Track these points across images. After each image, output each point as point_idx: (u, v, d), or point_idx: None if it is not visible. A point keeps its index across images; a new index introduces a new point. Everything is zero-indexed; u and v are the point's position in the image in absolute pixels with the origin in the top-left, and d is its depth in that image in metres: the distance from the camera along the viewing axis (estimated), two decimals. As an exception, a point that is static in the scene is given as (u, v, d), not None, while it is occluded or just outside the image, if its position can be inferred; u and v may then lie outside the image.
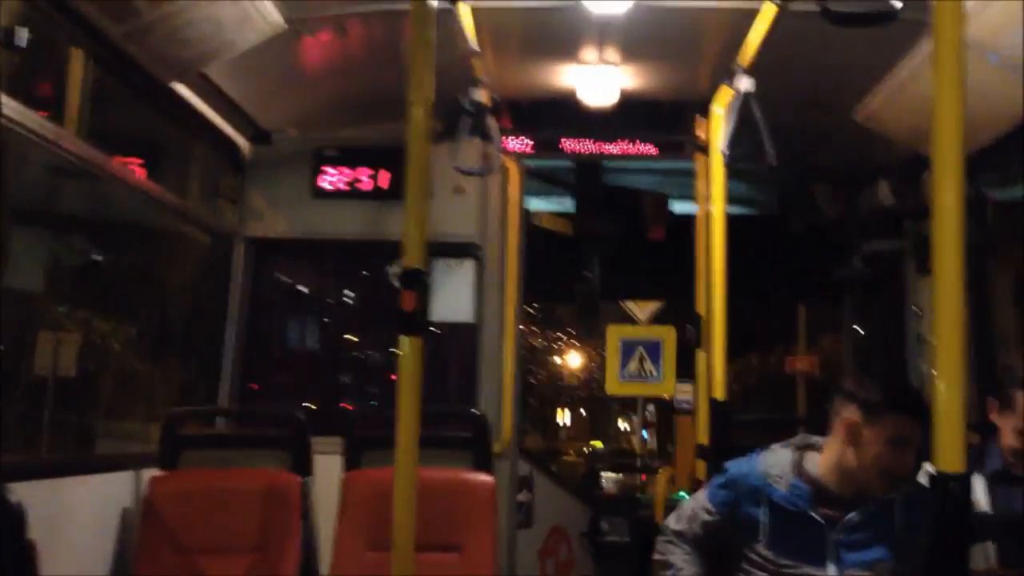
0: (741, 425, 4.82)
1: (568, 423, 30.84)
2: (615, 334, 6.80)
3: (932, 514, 2.82)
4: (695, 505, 3.18)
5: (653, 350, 6.62)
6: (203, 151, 5.50)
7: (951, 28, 1.59)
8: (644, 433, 13.26)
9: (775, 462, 3.02)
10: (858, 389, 2.94)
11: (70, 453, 4.81)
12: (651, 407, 16.33)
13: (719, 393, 4.49)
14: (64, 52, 3.92)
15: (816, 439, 3.05)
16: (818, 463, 2.97)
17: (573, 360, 28.46)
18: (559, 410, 30.05)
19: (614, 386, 6.80)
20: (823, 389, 9.85)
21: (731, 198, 4.77)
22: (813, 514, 2.91)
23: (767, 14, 3.48)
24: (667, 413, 11.54)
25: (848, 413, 2.89)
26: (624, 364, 6.65)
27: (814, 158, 6.05)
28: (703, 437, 4.75)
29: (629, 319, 10.27)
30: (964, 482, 1.55)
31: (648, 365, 6.60)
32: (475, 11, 3.98)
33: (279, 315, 6.28)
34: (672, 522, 3.21)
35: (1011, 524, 2.90)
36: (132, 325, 5.63)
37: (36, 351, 4.58)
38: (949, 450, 1.54)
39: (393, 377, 3.16)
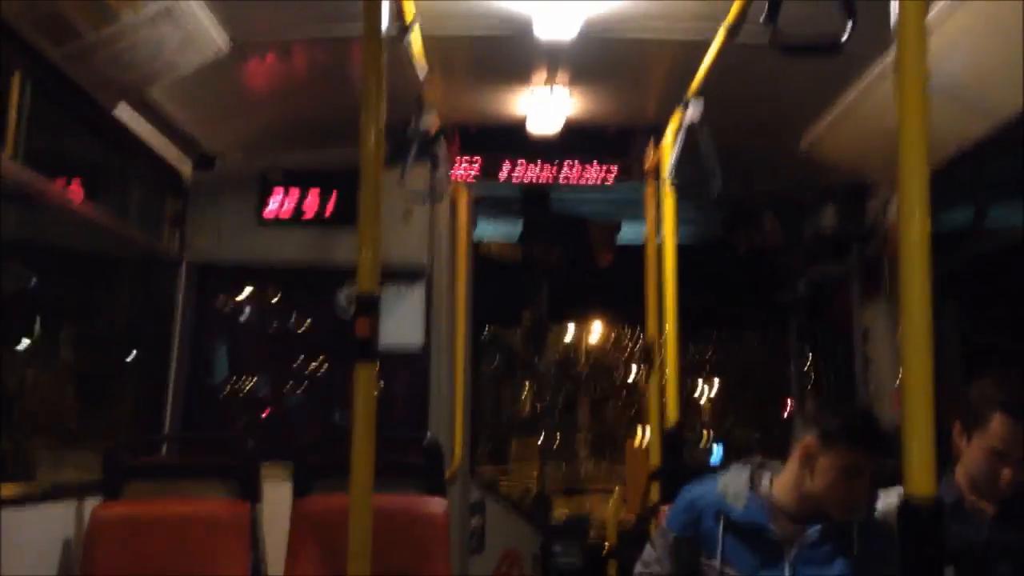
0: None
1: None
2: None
3: (891, 542, 2.89)
4: (658, 543, 3.17)
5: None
6: (145, 175, 5.40)
7: (914, 53, 1.63)
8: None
9: (732, 481, 3.05)
10: (817, 416, 2.98)
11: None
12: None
13: (672, 418, 4.51)
14: (2, 74, 3.83)
15: (773, 462, 3.08)
16: (775, 483, 3.01)
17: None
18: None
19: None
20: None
21: (680, 223, 4.79)
22: (771, 528, 2.93)
23: (717, 43, 3.52)
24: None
25: (806, 438, 2.92)
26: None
27: (761, 184, 6.13)
28: (656, 460, 4.76)
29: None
30: (935, 505, 1.55)
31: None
32: (424, 37, 3.97)
33: (224, 341, 6.18)
34: (640, 569, 3.20)
35: (965, 556, 2.90)
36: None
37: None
38: (919, 473, 1.53)
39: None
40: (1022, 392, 2.90)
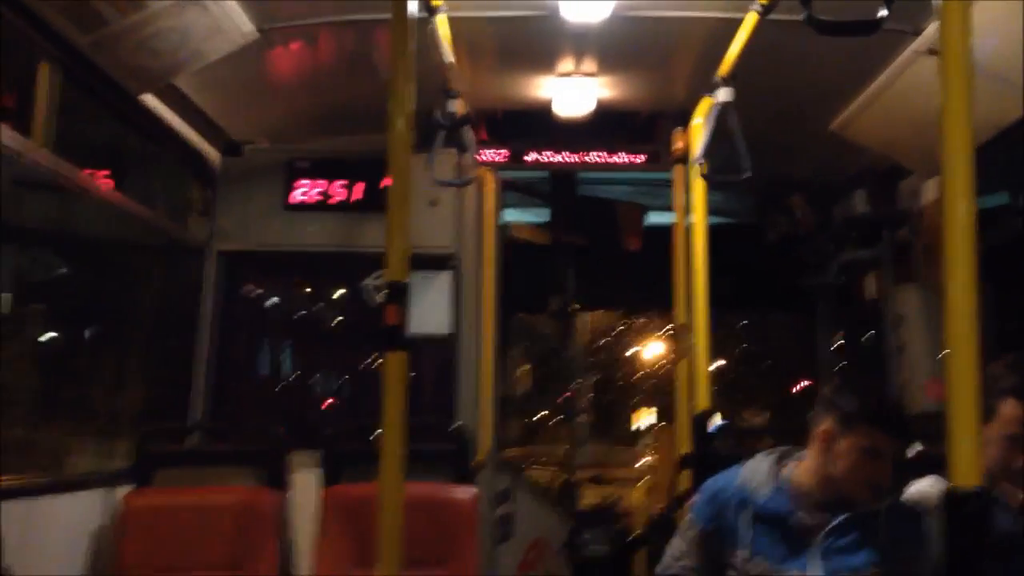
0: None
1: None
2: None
3: (918, 530, 2.85)
4: (684, 536, 3.14)
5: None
6: (173, 163, 5.41)
7: (959, 32, 1.58)
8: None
9: (755, 471, 3.02)
10: (835, 398, 2.93)
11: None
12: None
13: (703, 402, 4.46)
14: (30, 62, 3.84)
15: (798, 451, 3.05)
16: (799, 470, 2.97)
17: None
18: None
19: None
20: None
21: (708, 208, 4.75)
22: (796, 516, 2.89)
23: (748, 24, 3.46)
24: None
25: (825, 422, 2.89)
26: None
27: (791, 168, 6.06)
28: (685, 447, 4.72)
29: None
30: (981, 497, 1.51)
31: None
32: (451, 21, 3.94)
33: (252, 329, 6.19)
34: (667, 562, 3.16)
35: (994, 545, 2.85)
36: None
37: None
38: (964, 464, 1.49)
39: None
40: None
